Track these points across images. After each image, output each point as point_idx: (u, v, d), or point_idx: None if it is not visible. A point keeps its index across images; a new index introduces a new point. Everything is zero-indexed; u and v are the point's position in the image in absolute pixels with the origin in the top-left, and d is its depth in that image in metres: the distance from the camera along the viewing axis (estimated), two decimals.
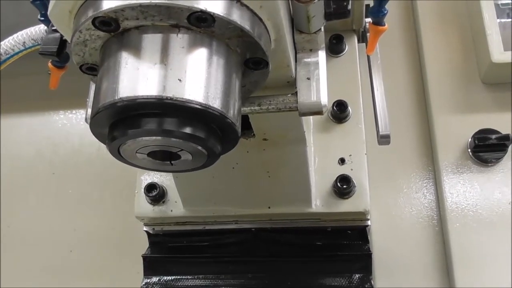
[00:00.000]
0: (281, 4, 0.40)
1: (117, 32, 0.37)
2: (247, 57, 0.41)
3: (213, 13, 0.36)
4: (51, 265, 1.01)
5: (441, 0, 0.98)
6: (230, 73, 0.39)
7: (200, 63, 0.37)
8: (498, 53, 0.84)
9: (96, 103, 0.37)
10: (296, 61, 0.49)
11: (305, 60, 0.48)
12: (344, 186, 0.70)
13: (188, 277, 0.79)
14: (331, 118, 0.76)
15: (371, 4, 0.52)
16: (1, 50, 0.60)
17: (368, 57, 0.78)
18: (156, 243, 0.82)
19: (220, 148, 0.40)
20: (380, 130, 0.71)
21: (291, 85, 0.50)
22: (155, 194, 0.75)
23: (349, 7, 0.47)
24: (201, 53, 0.37)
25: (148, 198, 0.76)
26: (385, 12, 0.57)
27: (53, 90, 0.57)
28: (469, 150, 0.85)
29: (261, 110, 0.49)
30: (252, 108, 0.49)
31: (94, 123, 0.38)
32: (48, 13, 0.40)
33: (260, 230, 0.77)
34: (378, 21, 0.57)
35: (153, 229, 0.81)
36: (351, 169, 0.73)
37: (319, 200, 0.72)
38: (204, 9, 0.35)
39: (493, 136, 0.81)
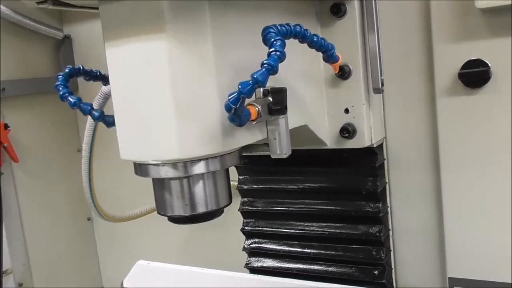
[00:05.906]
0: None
1: None
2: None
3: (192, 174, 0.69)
4: None
5: None
6: (217, 183, 0.73)
7: (198, 189, 0.72)
8: None
9: (162, 207, 0.76)
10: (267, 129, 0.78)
11: (271, 128, 0.77)
12: (346, 134, 0.99)
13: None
14: (338, 76, 1.00)
15: None
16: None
17: (366, 17, 0.95)
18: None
19: (222, 210, 0.77)
20: (373, 84, 0.95)
21: None
22: None
23: (285, 106, 0.72)
24: (198, 184, 0.72)
25: None
26: (337, 59, 0.80)
27: None
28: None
29: (252, 153, 0.81)
30: (248, 153, 0.82)
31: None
32: None
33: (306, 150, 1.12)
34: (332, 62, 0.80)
35: None
36: (353, 117, 1.00)
37: (332, 140, 1.03)
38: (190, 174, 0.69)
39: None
